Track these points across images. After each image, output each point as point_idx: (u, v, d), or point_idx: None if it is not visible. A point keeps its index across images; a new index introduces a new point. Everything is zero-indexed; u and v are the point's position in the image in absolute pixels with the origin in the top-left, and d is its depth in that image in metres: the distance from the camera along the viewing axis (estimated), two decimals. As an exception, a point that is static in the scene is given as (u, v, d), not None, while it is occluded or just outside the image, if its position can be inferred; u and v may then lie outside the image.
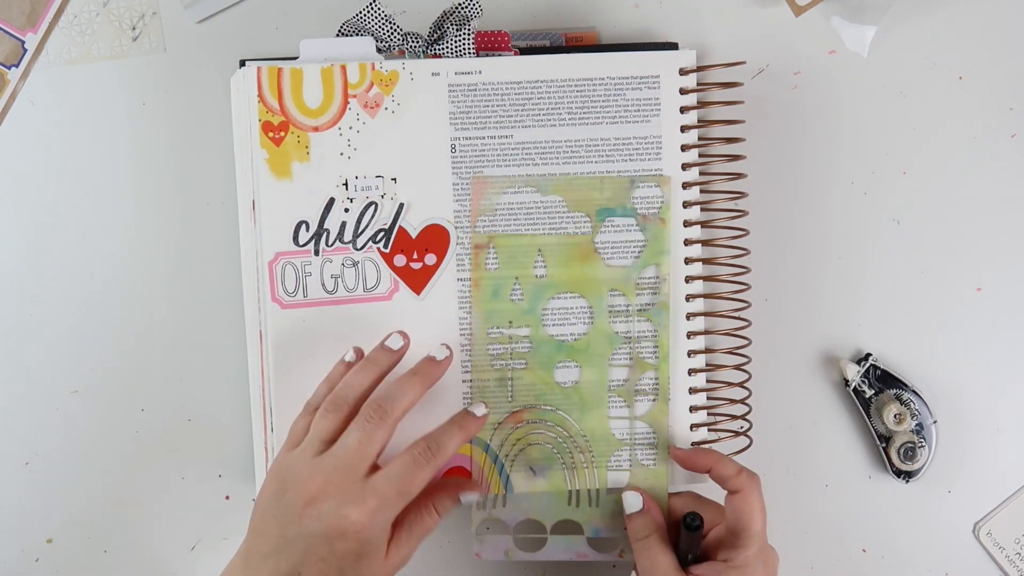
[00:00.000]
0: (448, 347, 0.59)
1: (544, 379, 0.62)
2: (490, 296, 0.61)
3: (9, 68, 0.66)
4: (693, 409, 0.62)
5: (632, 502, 0.60)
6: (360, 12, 0.61)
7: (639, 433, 0.62)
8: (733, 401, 0.63)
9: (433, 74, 0.61)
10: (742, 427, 0.64)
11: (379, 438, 0.54)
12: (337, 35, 0.62)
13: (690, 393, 0.62)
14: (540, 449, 0.62)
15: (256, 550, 0.53)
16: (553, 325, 0.62)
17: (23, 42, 0.66)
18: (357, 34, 0.61)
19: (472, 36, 0.61)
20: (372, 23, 0.61)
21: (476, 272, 0.61)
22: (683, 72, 0.62)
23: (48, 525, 0.66)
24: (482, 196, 0.61)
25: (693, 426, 0.63)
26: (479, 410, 0.59)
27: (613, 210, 0.61)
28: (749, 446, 0.64)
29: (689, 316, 0.62)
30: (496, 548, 0.63)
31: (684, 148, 0.62)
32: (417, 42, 0.62)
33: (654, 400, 0.62)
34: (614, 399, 0.62)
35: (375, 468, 0.54)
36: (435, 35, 0.62)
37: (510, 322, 0.61)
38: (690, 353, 0.62)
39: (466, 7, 0.60)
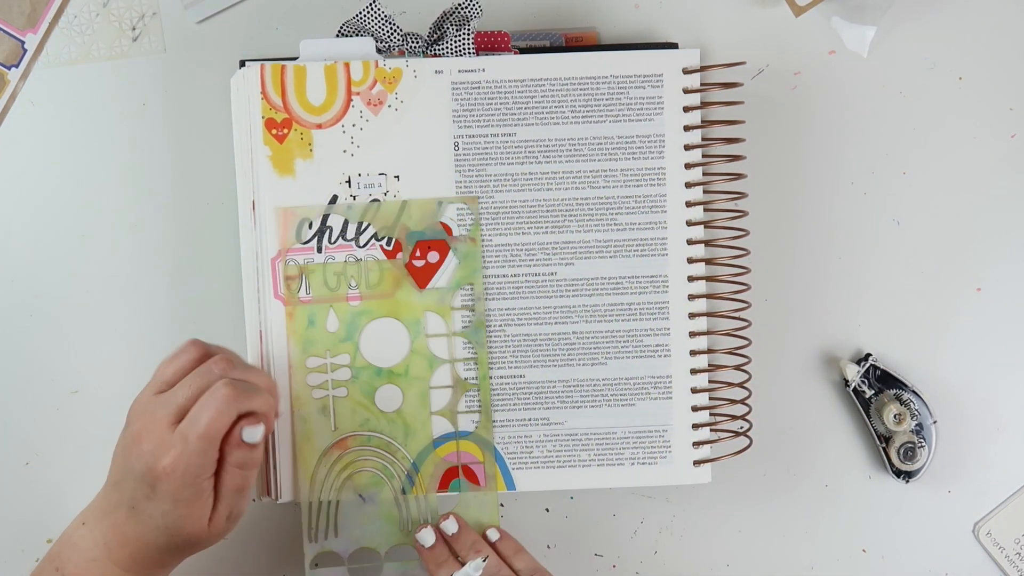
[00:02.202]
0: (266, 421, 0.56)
1: (365, 405, 0.61)
2: (305, 326, 0.61)
3: (9, 68, 0.66)
4: (695, 409, 0.62)
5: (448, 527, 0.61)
6: (360, 12, 0.61)
7: (465, 453, 0.62)
8: (733, 401, 0.63)
9: (436, 72, 0.61)
10: (742, 427, 0.64)
11: (197, 388, 0.54)
12: (337, 35, 0.62)
13: (692, 392, 0.62)
14: (368, 475, 0.61)
15: (109, 478, 0.55)
16: (370, 351, 0.61)
17: (23, 42, 0.66)
18: (357, 34, 0.61)
19: (472, 36, 0.61)
20: (372, 23, 0.61)
21: (290, 304, 0.60)
22: (686, 71, 0.61)
23: (48, 525, 0.66)
24: (289, 227, 0.60)
25: (695, 426, 0.63)
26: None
27: (422, 232, 0.61)
28: (749, 446, 0.64)
29: (692, 315, 0.62)
30: None
31: (687, 147, 0.62)
32: (417, 42, 0.62)
33: (478, 418, 0.62)
34: (438, 420, 0.62)
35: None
36: (435, 35, 0.62)
37: (327, 351, 0.61)
38: (692, 353, 0.62)
39: (466, 7, 0.60)
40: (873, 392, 0.66)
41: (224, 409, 0.53)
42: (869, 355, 0.66)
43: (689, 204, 0.62)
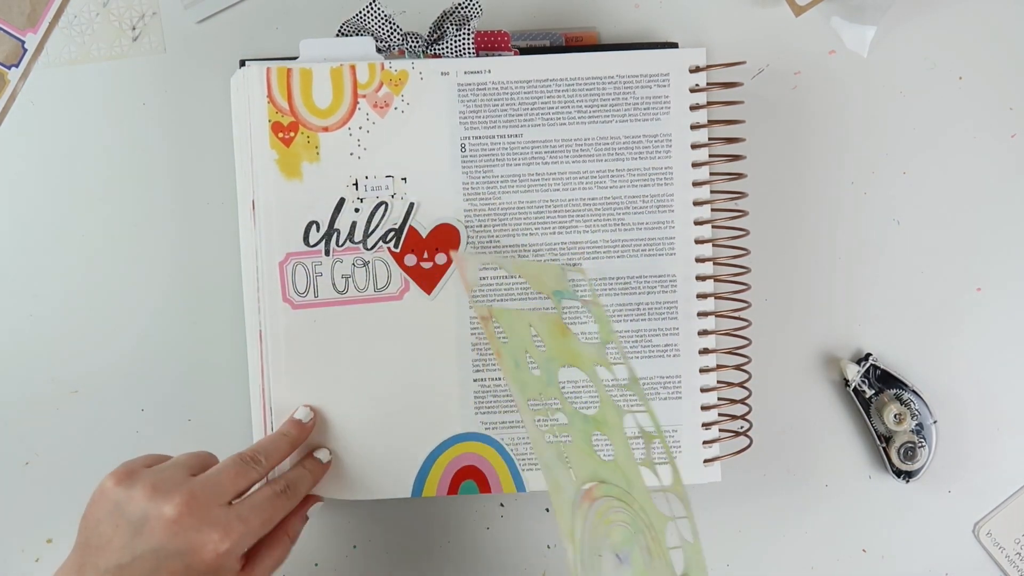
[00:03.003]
0: (312, 409, 0.61)
1: (589, 453, 0.54)
2: (514, 367, 0.54)
3: (9, 68, 0.66)
4: (704, 408, 0.62)
5: None
6: (360, 12, 0.61)
7: (674, 504, 0.56)
8: (733, 401, 0.63)
9: (442, 73, 0.61)
10: (742, 427, 0.64)
11: (250, 480, 0.55)
12: (337, 35, 0.62)
13: (701, 392, 0.62)
14: (619, 530, 0.53)
15: (92, 564, 0.51)
16: (571, 397, 0.61)
17: (23, 42, 0.66)
18: (357, 34, 0.61)
19: (472, 36, 0.61)
20: (372, 23, 0.61)
21: (494, 343, 0.54)
22: (692, 70, 0.61)
23: (48, 525, 0.66)
24: (467, 271, 0.58)
25: (705, 425, 0.63)
26: (323, 456, 0.61)
27: (563, 293, 0.60)
28: (749, 446, 0.64)
29: (700, 315, 0.62)
30: None
31: (694, 147, 0.62)
32: (417, 42, 0.62)
33: (670, 471, 0.57)
34: (644, 471, 0.56)
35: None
36: (435, 35, 0.62)
37: (540, 393, 0.55)
38: (701, 352, 0.62)
39: (466, 7, 0.61)
40: (873, 392, 0.66)
41: (287, 507, 0.56)
42: (869, 355, 0.66)
43: (696, 203, 0.62)
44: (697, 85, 0.62)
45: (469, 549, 0.67)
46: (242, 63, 0.62)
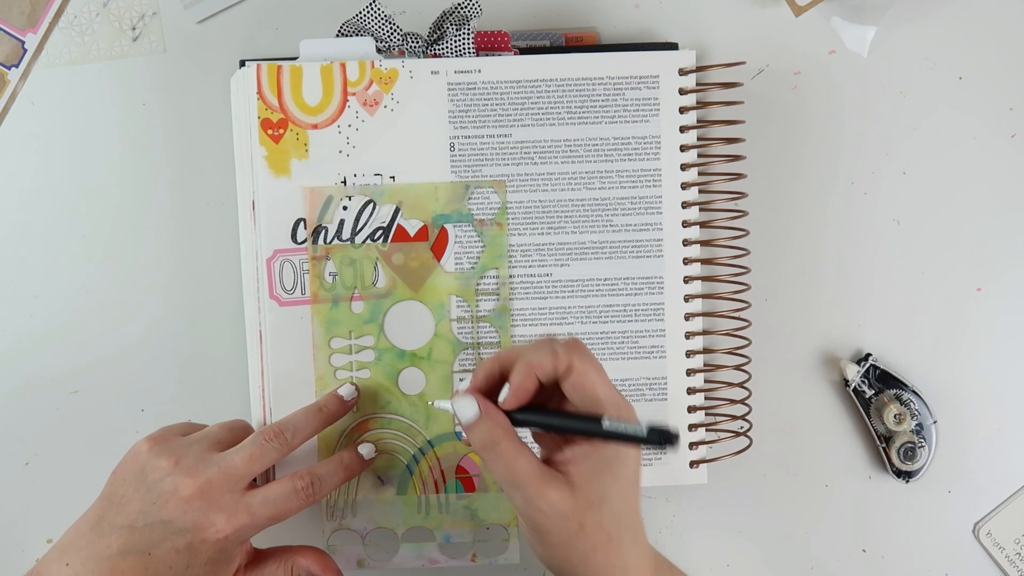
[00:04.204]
0: (356, 386, 0.60)
1: (388, 388, 0.61)
2: (329, 307, 0.61)
3: (9, 68, 0.66)
4: (691, 409, 0.62)
5: (465, 409, 0.50)
6: (360, 12, 0.61)
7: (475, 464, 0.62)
8: (733, 401, 0.63)
9: (432, 72, 0.61)
10: (742, 427, 0.64)
11: (269, 460, 0.55)
12: (337, 35, 0.62)
13: (688, 393, 0.62)
14: (387, 458, 0.62)
15: (110, 519, 0.53)
16: (394, 333, 0.61)
17: (23, 42, 0.66)
18: (357, 34, 0.61)
19: (472, 36, 0.61)
20: (372, 23, 0.61)
21: (314, 284, 0.60)
22: (682, 72, 0.62)
23: (48, 525, 0.66)
24: (317, 207, 0.60)
25: (692, 426, 0.63)
26: (366, 451, 0.60)
27: (449, 216, 0.61)
28: (749, 446, 0.64)
29: (688, 316, 0.62)
30: (348, 558, 0.63)
31: (683, 148, 0.62)
32: (417, 42, 0.62)
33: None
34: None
35: (252, 484, 0.55)
36: (435, 35, 0.62)
37: (351, 332, 0.61)
38: (688, 353, 0.62)
39: (466, 7, 0.61)
40: (873, 392, 0.66)
41: (304, 504, 0.55)
42: (869, 355, 0.66)
43: (685, 205, 0.62)
44: (687, 87, 0.62)
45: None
46: (242, 63, 0.62)
